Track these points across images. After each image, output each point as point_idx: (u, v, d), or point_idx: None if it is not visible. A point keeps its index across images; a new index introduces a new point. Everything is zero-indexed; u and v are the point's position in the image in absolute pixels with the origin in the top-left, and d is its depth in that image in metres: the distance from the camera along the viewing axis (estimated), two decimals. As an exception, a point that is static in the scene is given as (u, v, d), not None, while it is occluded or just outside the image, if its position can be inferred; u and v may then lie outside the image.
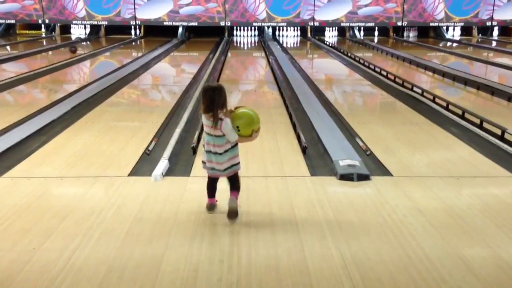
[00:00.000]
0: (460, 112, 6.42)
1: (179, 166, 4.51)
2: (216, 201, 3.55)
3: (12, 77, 9.57)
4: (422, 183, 4.03)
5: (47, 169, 4.33)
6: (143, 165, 4.49)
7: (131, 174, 4.23)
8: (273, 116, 6.41)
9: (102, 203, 3.55)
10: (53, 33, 19.01)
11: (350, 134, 5.58)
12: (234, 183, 3.45)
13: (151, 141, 5.20)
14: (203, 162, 3.41)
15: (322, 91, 8.29)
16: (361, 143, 5.18)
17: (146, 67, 11.51)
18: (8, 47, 16.02)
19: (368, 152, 4.87)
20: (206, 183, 3.53)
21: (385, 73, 10.12)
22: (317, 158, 4.75)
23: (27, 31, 19.21)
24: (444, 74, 10.04)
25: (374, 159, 4.72)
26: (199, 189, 3.87)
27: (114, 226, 3.23)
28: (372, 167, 4.43)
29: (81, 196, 3.73)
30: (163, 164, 4.28)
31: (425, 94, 7.81)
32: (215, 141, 3.26)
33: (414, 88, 8.31)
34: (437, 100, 7.31)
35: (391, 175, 4.24)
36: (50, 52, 14.70)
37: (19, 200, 3.65)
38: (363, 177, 4.06)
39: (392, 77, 9.64)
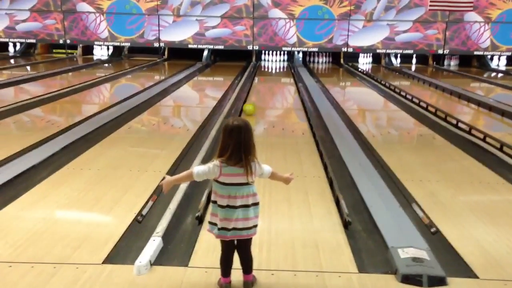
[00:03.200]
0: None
1: (177, 244, 3.34)
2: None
3: (28, 99, 8.91)
4: (523, 294, 2.76)
5: (2, 244, 3.22)
6: (130, 241, 3.35)
7: (109, 259, 3.07)
8: (304, 165, 5.21)
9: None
10: (74, 53, 18.35)
11: (403, 196, 4.34)
12: (248, 256, 2.73)
13: (147, 201, 4.07)
14: (213, 224, 2.63)
15: (360, 131, 7.08)
16: (420, 213, 3.93)
17: (167, 91, 10.61)
18: (28, 67, 15.41)
19: (433, 230, 3.61)
20: (220, 256, 2.72)
21: (425, 105, 8.92)
22: (364, 237, 3.52)
23: (54, 53, 18.61)
24: (490, 108, 8.80)
25: (442, 241, 3.47)
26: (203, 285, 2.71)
27: None
28: (442, 257, 3.17)
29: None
30: (153, 246, 3.12)
31: (473, 131, 6.69)
32: (243, 191, 2.58)
33: (460, 124, 7.19)
34: (488, 139, 6.17)
35: (475, 275, 2.97)
36: (70, 73, 14.00)
37: None
38: (436, 281, 2.81)
39: (433, 110, 8.45)
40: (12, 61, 16.58)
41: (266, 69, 16.32)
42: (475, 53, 17.18)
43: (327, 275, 2.89)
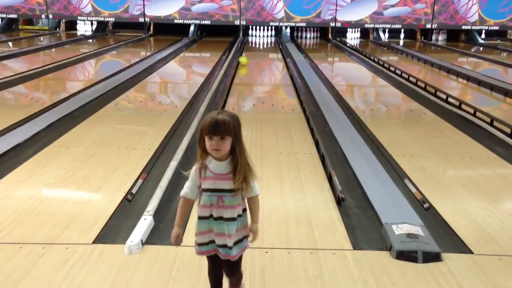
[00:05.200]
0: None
1: (169, 224, 3.27)
2: None
3: (11, 75, 8.72)
4: (518, 268, 2.76)
5: (-12, 224, 3.14)
6: (120, 220, 3.28)
7: (99, 238, 3.01)
8: (295, 142, 5.15)
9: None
10: (57, 29, 17.92)
11: (395, 171, 4.31)
12: (236, 270, 2.30)
13: (137, 179, 3.99)
14: (196, 235, 2.16)
15: (351, 106, 7.03)
16: (413, 189, 3.91)
17: (154, 67, 10.43)
18: (10, 43, 15.03)
19: (426, 205, 3.59)
20: (208, 272, 2.34)
21: (414, 80, 8.89)
22: (357, 213, 3.49)
23: (30, 27, 18.15)
24: (479, 83, 8.81)
25: (435, 216, 3.45)
26: (195, 267, 2.66)
27: None
28: (435, 232, 3.16)
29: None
30: (144, 225, 3.05)
31: (463, 106, 6.69)
32: (226, 200, 2.08)
33: (450, 99, 7.18)
34: (478, 114, 6.17)
35: (470, 251, 2.96)
36: (53, 49, 13.69)
37: None
38: (431, 257, 2.79)
39: (423, 85, 8.43)
40: (-7, 37, 16.15)
41: (253, 45, 16.11)
42: (463, 27, 17.12)
43: (321, 253, 2.86)
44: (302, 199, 3.67)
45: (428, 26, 17.03)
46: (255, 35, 17.83)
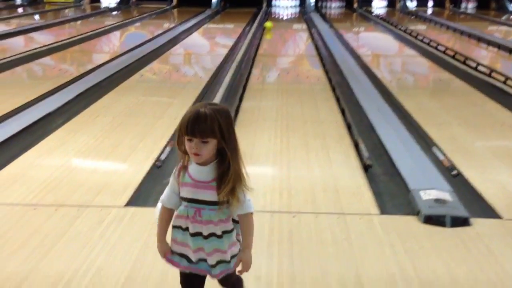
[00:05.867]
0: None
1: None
2: None
3: (39, 47, 8.85)
4: (548, 233, 2.74)
5: (23, 189, 3.24)
6: (150, 186, 3.35)
7: (130, 202, 3.09)
8: (320, 111, 5.14)
9: (76, 263, 2.40)
10: (81, 1, 18.01)
11: (423, 140, 4.27)
12: (230, 278, 1.82)
13: (165, 146, 4.05)
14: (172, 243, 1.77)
15: (377, 76, 6.93)
16: (441, 156, 3.88)
17: (177, 39, 10.43)
18: (35, 16, 15.21)
19: (454, 172, 3.57)
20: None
21: (443, 49, 8.68)
22: (384, 180, 3.50)
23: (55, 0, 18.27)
24: (511, 51, 8.58)
25: (464, 183, 3.43)
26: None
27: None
28: (465, 199, 3.14)
29: (49, 248, 2.61)
30: (173, 189, 3.12)
31: (494, 75, 6.53)
32: (205, 215, 1.66)
33: (480, 68, 7.00)
34: (509, 82, 6.03)
35: (499, 216, 2.95)
36: (78, 22, 13.82)
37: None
38: (459, 222, 2.79)
39: (452, 54, 8.23)
40: (20, 10, 16.34)
41: (277, 15, 15.92)
42: (494, -5, 16.55)
43: (348, 217, 2.88)
44: (328, 167, 3.69)
45: (458, -7, 16.53)
46: (279, 6, 17.59)
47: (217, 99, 5.42)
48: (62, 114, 4.96)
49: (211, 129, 1.56)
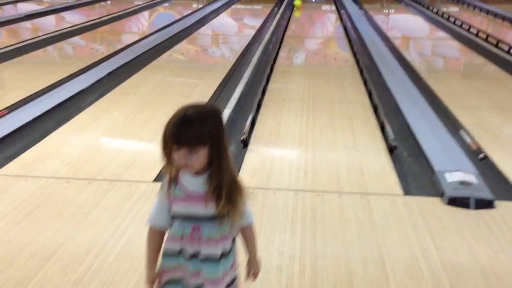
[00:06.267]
0: None
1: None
2: None
3: (70, 27, 9.05)
4: None
5: (57, 163, 3.37)
6: (178, 162, 3.44)
7: (159, 177, 3.19)
8: (347, 92, 5.14)
9: (107, 234, 2.51)
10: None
11: (451, 123, 4.25)
12: None
13: (193, 124, 4.13)
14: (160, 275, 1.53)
15: (406, 58, 6.85)
16: (468, 140, 3.85)
17: (205, 20, 10.47)
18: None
19: (481, 155, 3.55)
20: None
21: (475, 32, 8.49)
22: (409, 162, 3.50)
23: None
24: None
25: (491, 167, 3.41)
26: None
27: (115, 279, 2.18)
28: (491, 181, 3.13)
29: (82, 219, 2.73)
30: (201, 166, 3.20)
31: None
32: (205, 231, 1.45)
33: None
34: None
35: (524, 199, 2.94)
36: (108, 2, 13.97)
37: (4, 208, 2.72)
38: (484, 204, 2.79)
39: (484, 36, 8.04)
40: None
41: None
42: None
43: (371, 197, 2.92)
44: (353, 147, 3.71)
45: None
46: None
47: (244, 79, 5.46)
48: (94, 92, 5.09)
49: (199, 135, 1.35)
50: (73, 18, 10.58)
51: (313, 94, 5.09)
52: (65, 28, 8.90)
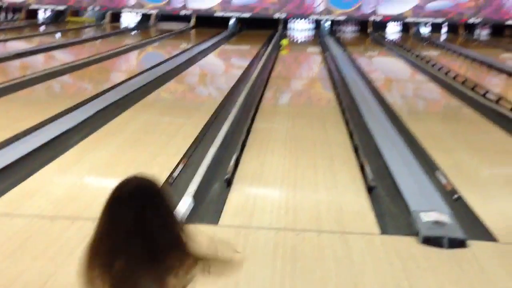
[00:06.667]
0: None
1: (207, 205, 3.50)
2: None
3: (59, 66, 9.14)
4: (543, 258, 2.84)
5: (42, 201, 3.43)
6: (162, 201, 3.52)
7: (143, 216, 3.26)
8: (329, 133, 5.29)
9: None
10: (102, 21, 18.52)
11: (427, 164, 4.39)
12: None
13: (178, 163, 4.23)
14: None
15: (387, 100, 7.07)
16: (443, 180, 3.99)
17: (194, 59, 10.71)
18: (57, 34, 15.67)
19: (456, 196, 3.68)
20: None
21: (453, 75, 8.80)
22: (387, 202, 3.62)
23: (77, 18, 18.81)
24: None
25: (465, 207, 3.54)
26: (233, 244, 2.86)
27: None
28: (464, 222, 3.25)
29: (65, 258, 2.79)
30: (184, 205, 3.28)
31: (502, 102, 6.65)
32: None
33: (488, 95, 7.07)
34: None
35: (495, 239, 3.05)
36: (98, 41, 14.22)
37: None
38: (456, 243, 2.90)
39: (462, 80, 8.34)
40: (41, 28, 16.85)
41: (292, 38, 16.20)
42: (508, 22, 16.67)
43: (350, 236, 3.01)
44: (334, 187, 3.83)
45: (471, 20, 16.68)
46: (295, 28, 17.90)
47: (229, 119, 5.59)
48: (81, 131, 5.16)
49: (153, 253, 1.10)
50: (62, 57, 10.75)
51: (296, 135, 5.23)
52: (55, 67, 9.03)
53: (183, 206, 3.26)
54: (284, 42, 13.42)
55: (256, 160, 4.37)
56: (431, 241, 2.91)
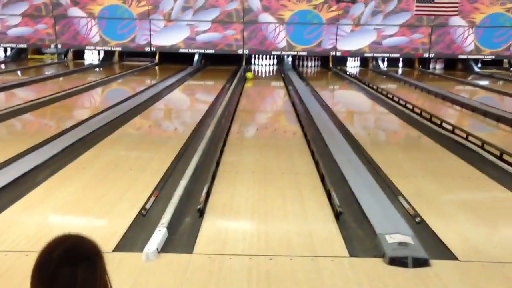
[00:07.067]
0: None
1: (181, 235, 3.57)
2: None
3: (20, 104, 9.00)
4: (499, 273, 3.04)
5: (16, 236, 3.43)
6: (136, 233, 3.57)
7: (118, 247, 3.30)
8: (296, 163, 5.47)
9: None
10: (65, 58, 18.49)
11: (390, 190, 4.61)
12: None
13: (150, 195, 4.30)
14: None
15: (350, 131, 7.35)
16: (406, 205, 4.20)
17: (159, 95, 10.81)
18: (19, 72, 15.51)
19: (418, 219, 3.89)
20: None
21: (411, 107, 9.25)
22: (354, 226, 3.78)
23: (40, 56, 18.71)
24: (473, 109, 9.17)
25: (426, 229, 3.74)
26: (206, 272, 2.95)
27: None
28: (426, 242, 3.44)
29: None
30: (159, 235, 3.35)
31: (457, 131, 7.06)
32: None
33: (444, 124, 7.47)
34: (470, 138, 6.50)
35: (456, 258, 3.25)
36: (61, 78, 14.15)
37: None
38: (420, 263, 3.08)
39: (419, 111, 8.77)
40: (3, 66, 16.67)
41: (256, 73, 16.58)
42: (460, 56, 17.60)
43: (321, 259, 3.15)
44: (302, 214, 3.97)
45: (426, 55, 17.53)
46: (258, 64, 18.34)
47: (199, 151, 5.69)
48: (48, 168, 5.15)
49: None
50: (24, 95, 10.65)
51: (264, 166, 5.38)
52: (16, 105, 8.88)
53: (157, 237, 3.33)
54: (249, 75, 14.32)
55: (227, 191, 4.48)
56: (397, 261, 3.07)
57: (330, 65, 18.02)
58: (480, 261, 3.19)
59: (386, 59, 18.09)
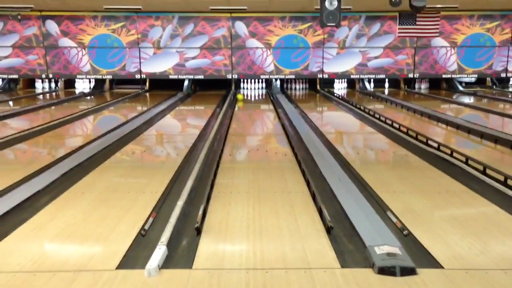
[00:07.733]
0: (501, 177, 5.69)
1: (180, 252, 3.74)
2: None
3: (12, 134, 9.09)
4: (483, 280, 3.23)
5: (21, 258, 3.57)
6: (137, 251, 3.73)
7: (121, 265, 3.46)
8: (288, 183, 5.67)
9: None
10: (56, 87, 18.69)
11: (379, 206, 4.82)
12: None
13: (148, 216, 4.46)
14: None
15: (339, 151, 7.59)
16: (394, 219, 4.41)
17: (151, 121, 11.02)
18: (10, 103, 15.66)
19: (405, 232, 4.09)
20: None
21: (397, 126, 9.53)
22: (345, 240, 3.97)
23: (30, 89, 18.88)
24: (458, 127, 9.48)
25: (413, 241, 3.94)
26: (206, 285, 3.11)
27: None
28: (413, 253, 3.64)
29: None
30: (159, 253, 3.52)
31: (442, 148, 7.33)
32: None
33: (430, 142, 7.70)
34: (455, 154, 6.76)
35: (441, 266, 3.44)
36: (53, 107, 14.31)
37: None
38: (407, 271, 3.27)
39: (405, 130, 9.05)
40: (-5, 96, 16.80)
41: (245, 97, 16.88)
42: (443, 76, 18.09)
43: (314, 271, 3.33)
44: (296, 230, 4.15)
45: (410, 75, 17.99)
46: (247, 88, 18.68)
47: (193, 173, 5.87)
48: (48, 193, 5.31)
49: None
50: (16, 125, 10.78)
51: (257, 186, 5.57)
52: (8, 136, 8.97)
53: (158, 254, 3.49)
54: (239, 97, 15.45)
55: (222, 210, 4.66)
56: (385, 270, 3.26)
57: (318, 87, 18.41)
58: (464, 268, 3.39)
59: (372, 80, 18.54)
